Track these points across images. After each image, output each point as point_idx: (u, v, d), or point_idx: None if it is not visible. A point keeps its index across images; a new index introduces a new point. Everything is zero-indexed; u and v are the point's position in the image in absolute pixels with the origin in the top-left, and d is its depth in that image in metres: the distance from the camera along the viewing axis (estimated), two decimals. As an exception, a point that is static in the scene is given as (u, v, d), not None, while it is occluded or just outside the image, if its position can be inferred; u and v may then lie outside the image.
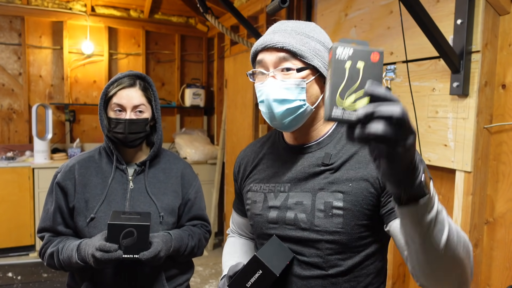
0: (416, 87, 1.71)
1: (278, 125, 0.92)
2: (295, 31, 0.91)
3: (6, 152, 3.91)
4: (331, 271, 0.90)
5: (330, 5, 2.29)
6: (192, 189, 1.41)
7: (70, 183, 1.28)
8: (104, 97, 1.28)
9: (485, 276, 1.56)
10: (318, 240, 0.89)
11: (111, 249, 1.10)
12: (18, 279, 3.23)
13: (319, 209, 0.89)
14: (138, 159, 1.36)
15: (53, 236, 1.29)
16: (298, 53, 0.87)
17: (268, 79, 0.89)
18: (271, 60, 0.89)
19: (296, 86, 0.88)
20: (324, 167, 0.91)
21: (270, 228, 0.95)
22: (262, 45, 0.90)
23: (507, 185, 1.48)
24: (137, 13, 4.48)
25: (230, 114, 3.91)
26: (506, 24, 1.48)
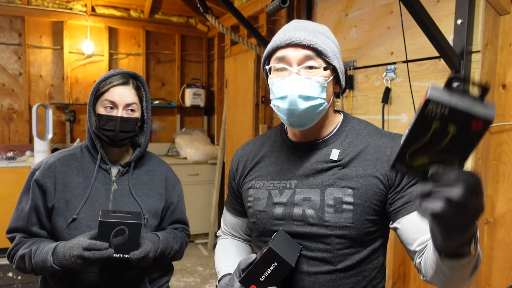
0: (417, 87, 1.70)
1: (296, 122, 0.92)
2: (317, 31, 0.92)
3: (6, 152, 3.91)
4: (339, 266, 0.91)
5: (330, 5, 2.28)
6: (175, 192, 1.39)
7: (49, 182, 1.21)
8: (95, 93, 1.23)
9: (486, 277, 1.56)
10: (327, 235, 0.90)
11: (102, 247, 1.05)
12: (19, 279, 3.24)
13: (329, 205, 0.90)
14: (122, 160, 1.32)
15: (25, 237, 1.22)
16: (323, 52, 0.89)
17: (293, 75, 0.89)
18: (296, 57, 0.89)
19: (320, 84, 0.89)
20: (332, 163, 0.93)
21: (276, 224, 0.95)
22: (286, 41, 0.90)
23: (508, 185, 1.48)
24: (137, 13, 4.48)
25: (230, 114, 3.91)
26: (506, 24, 1.48)
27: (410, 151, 0.56)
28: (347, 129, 0.98)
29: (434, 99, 0.51)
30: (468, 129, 0.52)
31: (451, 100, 0.51)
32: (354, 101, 2.11)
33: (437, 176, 0.55)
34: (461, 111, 0.51)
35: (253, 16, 3.44)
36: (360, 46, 2.04)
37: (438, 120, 0.52)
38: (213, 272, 3.47)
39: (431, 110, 0.52)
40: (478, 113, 0.50)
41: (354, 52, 2.08)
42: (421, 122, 0.54)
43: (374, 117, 1.95)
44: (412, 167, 0.58)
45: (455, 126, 0.52)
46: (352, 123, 1.00)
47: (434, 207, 0.54)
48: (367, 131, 0.98)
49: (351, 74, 2.09)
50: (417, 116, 0.54)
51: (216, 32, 4.50)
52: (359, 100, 2.07)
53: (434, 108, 0.52)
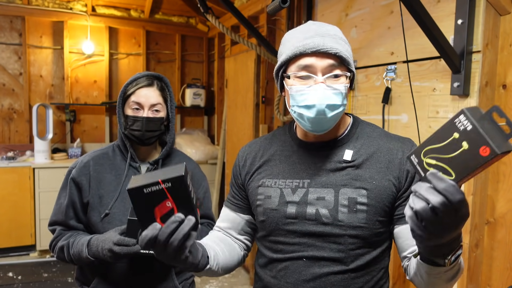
0: (417, 87, 1.70)
1: (319, 129, 0.93)
2: (338, 37, 0.92)
3: (7, 152, 3.91)
4: (351, 266, 0.92)
5: (330, 5, 2.28)
6: (201, 189, 1.44)
7: (85, 179, 1.31)
8: (123, 95, 1.32)
9: (486, 277, 1.56)
10: (341, 234, 0.91)
11: (130, 243, 1.13)
12: (19, 279, 3.24)
13: (343, 205, 0.91)
14: (151, 158, 1.40)
15: (64, 230, 1.32)
16: (347, 60, 0.91)
17: (320, 85, 0.88)
18: (321, 66, 0.89)
19: (343, 92, 0.91)
20: (346, 163, 0.94)
21: (288, 223, 0.95)
22: (312, 49, 0.88)
23: (508, 185, 1.48)
24: (137, 13, 4.48)
25: (231, 114, 3.91)
26: (506, 24, 1.48)
27: (427, 149, 0.64)
28: (358, 131, 1.00)
29: (467, 113, 0.59)
30: (476, 151, 0.58)
31: (478, 122, 0.58)
32: (354, 101, 2.11)
33: (433, 178, 0.62)
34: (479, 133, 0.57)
35: (253, 16, 3.44)
36: (361, 46, 2.04)
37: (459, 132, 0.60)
38: (213, 272, 3.47)
39: (460, 121, 0.59)
40: (489, 141, 0.57)
41: (354, 52, 2.07)
42: (448, 127, 0.61)
43: (374, 117, 1.95)
44: (422, 163, 0.65)
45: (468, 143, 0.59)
46: (361, 125, 1.02)
47: (415, 204, 0.63)
48: (377, 134, 1.00)
49: (352, 74, 2.09)
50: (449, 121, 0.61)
51: (216, 32, 4.50)
52: (360, 100, 2.07)
53: (462, 120, 0.59)
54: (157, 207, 0.78)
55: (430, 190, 0.62)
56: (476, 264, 1.54)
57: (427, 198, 0.62)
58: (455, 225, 0.64)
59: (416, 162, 0.66)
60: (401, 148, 0.95)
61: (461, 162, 0.60)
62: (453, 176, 0.62)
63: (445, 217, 0.62)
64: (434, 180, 0.62)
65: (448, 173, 0.62)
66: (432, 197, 0.61)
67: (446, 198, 0.60)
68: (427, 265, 0.76)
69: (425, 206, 0.62)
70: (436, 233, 0.64)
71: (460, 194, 0.61)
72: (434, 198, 0.61)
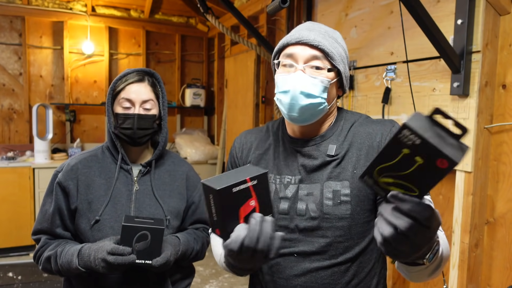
0: (417, 87, 1.71)
1: (295, 117, 0.95)
2: (328, 34, 0.96)
3: (7, 152, 3.91)
4: (340, 259, 0.93)
5: (330, 5, 2.29)
6: (196, 192, 1.36)
7: (72, 184, 1.21)
8: (112, 92, 1.23)
9: (486, 276, 1.56)
10: (328, 227, 0.93)
11: (125, 252, 1.04)
12: (19, 279, 3.24)
13: (328, 197, 0.93)
14: (143, 159, 1.31)
15: (50, 239, 1.22)
16: (330, 54, 0.93)
17: (298, 72, 0.93)
18: (303, 55, 0.93)
19: (322, 84, 0.93)
20: (330, 158, 0.97)
21: (280, 219, 0.97)
22: (296, 39, 0.94)
23: (508, 185, 1.48)
24: (137, 13, 4.48)
25: (231, 114, 3.91)
26: (506, 24, 1.48)
27: (379, 168, 0.59)
28: (342, 123, 1.02)
29: (410, 127, 0.53)
30: (433, 164, 0.53)
31: (425, 133, 0.52)
32: (354, 101, 2.11)
33: (394, 200, 0.59)
34: (431, 146, 0.52)
35: (253, 16, 3.44)
36: (360, 46, 2.04)
37: (409, 147, 0.54)
38: (213, 272, 3.47)
39: (405, 136, 0.53)
40: (445, 153, 0.51)
41: (354, 52, 2.08)
42: (394, 144, 0.55)
43: (374, 117, 1.95)
44: (377, 183, 0.61)
45: (422, 158, 0.53)
46: (346, 117, 1.04)
47: (383, 231, 0.60)
48: (359, 122, 1.02)
49: (351, 74, 2.09)
50: (391, 138, 0.55)
51: (216, 32, 4.50)
52: (359, 100, 2.07)
53: (408, 135, 0.53)
54: (242, 207, 0.75)
55: (396, 214, 0.59)
56: (476, 264, 1.55)
57: (394, 223, 0.59)
58: (429, 238, 0.62)
59: (372, 182, 0.61)
60: (379, 130, 0.97)
61: (421, 177, 0.56)
62: (417, 192, 0.58)
63: (417, 236, 0.60)
64: (397, 202, 0.59)
65: (410, 189, 0.58)
66: (399, 221, 0.58)
67: (414, 220, 0.58)
68: (407, 265, 0.79)
69: (393, 232, 0.59)
70: (410, 251, 0.62)
71: (429, 211, 0.58)
72: (402, 223, 0.58)
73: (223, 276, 3.38)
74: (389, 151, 0.57)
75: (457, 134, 0.54)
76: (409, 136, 0.53)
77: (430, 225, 0.59)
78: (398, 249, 0.61)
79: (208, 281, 3.30)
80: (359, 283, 0.95)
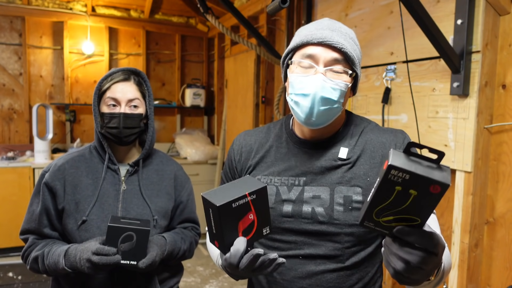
0: (417, 87, 1.71)
1: (312, 122, 0.92)
2: (349, 35, 0.93)
3: (7, 152, 3.91)
4: (347, 263, 0.92)
5: (330, 5, 2.29)
6: (184, 191, 1.37)
7: (59, 184, 1.20)
8: (98, 92, 1.23)
9: (485, 276, 1.56)
10: (337, 233, 0.91)
11: (110, 252, 1.04)
12: (19, 279, 3.24)
13: (338, 203, 0.91)
14: (131, 159, 1.31)
15: (37, 239, 1.22)
16: (351, 58, 0.90)
17: (319, 75, 0.88)
18: (325, 58, 0.89)
19: (341, 89, 0.90)
20: (341, 161, 0.94)
21: (284, 221, 0.95)
22: (319, 39, 0.89)
23: (507, 185, 1.48)
24: (137, 13, 4.48)
25: (231, 114, 3.92)
26: (506, 24, 1.48)
27: (377, 210, 0.61)
28: (352, 127, 1.00)
29: (396, 166, 0.56)
30: (427, 192, 0.57)
31: (411, 167, 0.56)
32: (354, 101, 2.11)
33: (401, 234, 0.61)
34: (420, 177, 0.55)
35: (253, 16, 3.44)
36: (360, 46, 2.04)
37: (400, 184, 0.57)
38: (213, 272, 3.47)
39: (393, 175, 0.57)
40: (436, 179, 0.55)
41: (354, 52, 2.08)
42: (385, 185, 0.58)
43: (374, 117, 1.96)
44: (379, 223, 0.63)
45: (415, 190, 0.57)
46: (355, 121, 1.02)
47: (396, 265, 0.62)
48: (370, 128, 1.00)
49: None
50: (381, 180, 0.58)
51: (216, 32, 4.50)
52: (359, 100, 2.07)
53: (396, 174, 0.56)
54: (241, 221, 0.78)
55: (405, 249, 0.61)
56: (475, 264, 1.55)
57: (406, 259, 0.61)
58: (437, 263, 0.64)
59: (373, 226, 0.64)
60: (393, 141, 0.95)
61: (418, 206, 0.59)
62: (419, 220, 0.61)
63: (428, 265, 0.62)
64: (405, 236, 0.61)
65: (412, 220, 0.62)
66: (410, 257, 0.61)
67: (424, 252, 0.61)
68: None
69: (406, 266, 0.61)
70: (422, 279, 0.65)
71: (435, 239, 0.61)
72: (414, 258, 0.61)
73: (223, 276, 3.38)
74: (382, 192, 0.59)
75: (435, 159, 0.58)
76: (398, 175, 0.56)
77: (438, 252, 0.62)
78: (411, 279, 0.64)
79: (208, 281, 3.30)
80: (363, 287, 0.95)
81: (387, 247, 0.65)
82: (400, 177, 0.56)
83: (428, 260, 0.61)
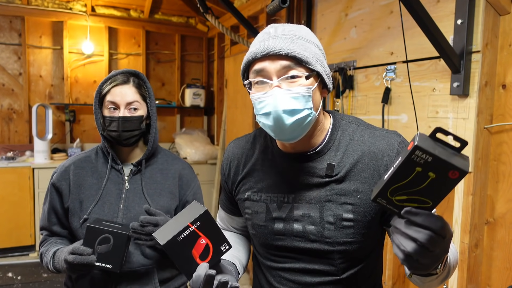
0: (417, 87, 1.70)
1: (285, 137, 0.86)
2: (295, 35, 0.85)
3: (6, 152, 3.91)
4: (343, 276, 0.92)
5: (330, 5, 2.28)
6: (190, 190, 1.37)
7: (65, 184, 1.26)
8: (99, 95, 1.26)
9: (485, 276, 1.56)
10: (329, 251, 0.90)
11: (84, 252, 1.06)
12: (18, 279, 3.23)
13: (329, 222, 0.88)
14: (135, 159, 1.33)
15: (48, 235, 1.29)
16: (303, 59, 0.82)
17: (274, 89, 0.82)
18: (274, 69, 0.82)
19: (304, 95, 0.82)
20: (328, 178, 0.89)
21: (277, 239, 0.94)
22: (262, 52, 0.83)
23: (508, 185, 1.48)
24: (137, 13, 4.48)
25: (230, 114, 3.92)
26: (506, 24, 1.48)
27: (392, 188, 0.63)
28: (339, 134, 0.93)
29: (422, 148, 0.58)
30: (445, 176, 0.59)
31: (435, 151, 0.58)
32: (354, 101, 2.11)
33: (409, 215, 0.63)
34: (442, 161, 0.58)
35: (253, 16, 3.44)
36: (360, 46, 2.04)
37: (421, 166, 0.60)
38: (213, 272, 3.47)
39: (417, 156, 0.59)
40: (457, 165, 0.58)
41: (354, 52, 2.07)
42: (406, 165, 0.60)
43: (374, 117, 1.95)
44: (392, 201, 0.65)
45: (434, 173, 0.59)
46: (342, 126, 0.94)
47: (406, 247, 0.63)
48: (360, 134, 0.92)
49: (351, 74, 2.09)
50: (403, 160, 0.60)
51: (216, 32, 4.50)
52: (359, 100, 2.07)
53: (420, 155, 0.59)
54: (194, 248, 0.82)
55: (413, 227, 0.63)
56: (475, 264, 1.54)
57: (414, 236, 0.63)
58: (446, 248, 0.66)
59: (385, 202, 0.66)
60: (386, 151, 0.89)
61: (433, 189, 0.61)
62: (431, 203, 0.64)
63: (436, 247, 0.64)
64: (411, 216, 0.63)
65: (424, 202, 0.64)
66: (418, 235, 0.62)
67: (431, 231, 0.62)
68: (422, 277, 0.80)
69: (416, 246, 0.63)
70: (431, 263, 0.66)
71: (441, 221, 0.63)
72: (421, 236, 0.62)
73: (223, 276, 3.38)
74: (402, 171, 0.61)
75: (457, 147, 0.60)
76: (421, 156, 0.58)
77: (445, 235, 0.63)
78: (420, 263, 0.64)
79: (208, 281, 3.30)
80: None
81: (396, 228, 0.66)
82: (423, 158, 0.58)
83: (436, 241, 0.62)
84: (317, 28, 2.42)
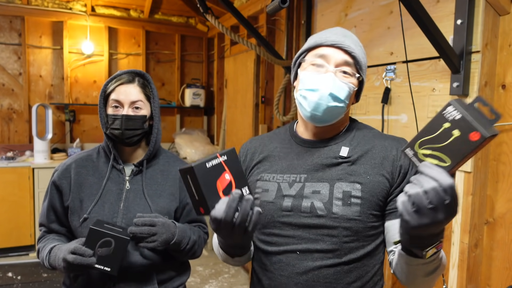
0: (416, 87, 1.71)
1: (317, 116, 0.97)
2: (358, 43, 1.01)
3: (6, 152, 3.91)
4: (344, 259, 0.93)
5: (330, 5, 2.29)
6: None
7: (65, 182, 1.26)
8: (103, 94, 1.27)
9: (485, 276, 1.56)
10: (335, 226, 0.93)
11: (85, 253, 1.06)
12: (18, 279, 3.23)
13: (337, 198, 0.94)
14: (136, 159, 1.33)
15: (46, 232, 1.30)
16: (359, 63, 0.98)
17: (329, 74, 0.95)
18: (336, 59, 0.96)
19: (349, 90, 0.97)
20: (341, 159, 0.98)
21: (283, 215, 0.97)
22: (332, 42, 0.97)
23: (507, 185, 1.48)
24: (137, 13, 4.48)
25: (230, 114, 3.92)
26: (506, 24, 1.48)
27: (421, 141, 0.70)
28: (355, 131, 1.05)
29: (454, 104, 0.66)
30: (467, 137, 0.65)
31: (465, 111, 0.65)
32: (354, 101, 2.11)
33: (424, 168, 0.68)
34: (467, 121, 0.64)
35: (253, 16, 3.44)
36: (360, 46, 2.04)
37: (450, 122, 0.66)
38: (213, 272, 3.47)
39: (448, 112, 0.67)
40: (478, 128, 0.64)
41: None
42: (437, 119, 0.68)
43: (374, 117, 1.96)
44: (417, 154, 0.71)
45: (459, 131, 0.65)
46: (358, 126, 1.07)
47: (410, 189, 0.69)
48: (372, 134, 1.04)
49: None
50: (437, 114, 0.68)
51: (216, 32, 4.50)
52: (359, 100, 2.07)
53: (451, 111, 0.66)
54: (218, 180, 0.83)
55: (424, 177, 0.68)
56: (475, 264, 1.55)
57: (422, 183, 0.67)
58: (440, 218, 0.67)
59: (412, 154, 0.72)
60: (395, 145, 0.99)
61: (454, 148, 0.66)
62: (449, 163, 0.68)
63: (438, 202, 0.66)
64: (427, 169, 0.68)
65: (444, 160, 0.68)
66: (425, 183, 0.67)
67: (437, 182, 0.66)
68: (407, 255, 0.81)
69: (418, 190, 0.67)
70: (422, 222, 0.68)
71: (450, 179, 0.66)
72: (427, 184, 0.67)
73: (223, 276, 3.39)
74: (433, 125, 0.68)
75: (491, 119, 0.66)
76: (451, 113, 0.66)
77: (450, 194, 0.66)
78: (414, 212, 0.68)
79: (207, 281, 3.30)
80: (361, 286, 0.95)
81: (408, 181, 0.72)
82: (453, 115, 0.66)
83: (440, 196, 0.65)
84: (317, 28, 2.42)
